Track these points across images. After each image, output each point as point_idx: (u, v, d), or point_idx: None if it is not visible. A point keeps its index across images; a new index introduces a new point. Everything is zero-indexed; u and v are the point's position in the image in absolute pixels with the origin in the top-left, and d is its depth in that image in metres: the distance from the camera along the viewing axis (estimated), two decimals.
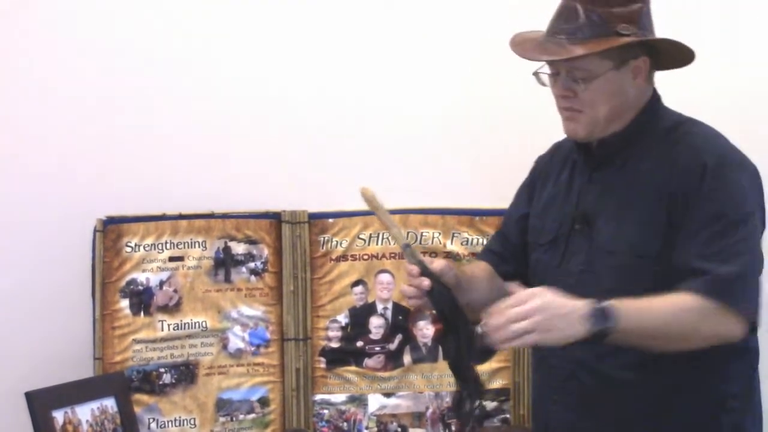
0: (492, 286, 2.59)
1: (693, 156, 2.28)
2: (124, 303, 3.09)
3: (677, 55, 2.37)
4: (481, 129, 3.37)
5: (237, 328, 3.18)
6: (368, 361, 3.24)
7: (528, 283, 2.58)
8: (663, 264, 2.26)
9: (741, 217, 2.24)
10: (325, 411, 3.23)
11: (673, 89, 2.52)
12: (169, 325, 3.12)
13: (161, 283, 3.12)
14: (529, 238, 2.56)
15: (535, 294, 2.10)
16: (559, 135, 2.49)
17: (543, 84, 2.40)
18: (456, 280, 2.38)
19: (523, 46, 2.37)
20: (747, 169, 2.31)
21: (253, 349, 3.19)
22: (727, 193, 2.25)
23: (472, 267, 2.67)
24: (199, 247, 3.16)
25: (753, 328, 2.25)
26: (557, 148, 2.58)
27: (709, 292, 2.17)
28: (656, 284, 2.23)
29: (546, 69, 2.36)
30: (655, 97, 2.41)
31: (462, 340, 2.22)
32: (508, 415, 3.27)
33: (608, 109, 2.33)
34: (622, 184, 2.36)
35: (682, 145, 2.31)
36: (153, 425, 3.10)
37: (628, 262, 2.30)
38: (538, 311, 2.08)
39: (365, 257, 3.23)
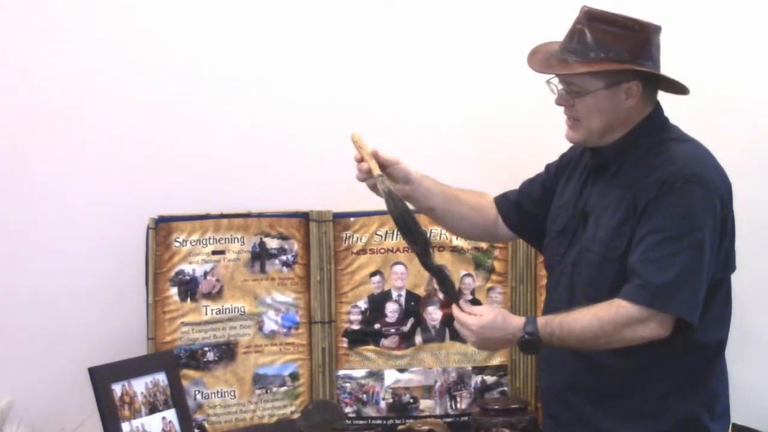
0: (474, 214, 2.76)
1: (663, 171, 2.38)
2: (174, 291, 3.19)
3: (673, 85, 2.49)
4: (485, 137, 3.45)
5: (271, 313, 3.29)
6: (384, 341, 3.35)
7: (523, 234, 2.83)
8: (623, 266, 2.40)
9: (682, 232, 2.34)
10: (348, 384, 3.34)
11: None
12: (212, 310, 3.23)
13: (205, 274, 3.22)
14: (548, 223, 2.67)
15: (472, 324, 2.39)
16: (559, 140, 2.62)
17: (554, 93, 2.52)
18: (405, 175, 2.60)
19: (535, 57, 2.52)
20: (707, 185, 2.37)
21: (284, 330, 3.30)
22: (676, 209, 2.35)
23: (466, 190, 2.78)
24: (238, 242, 3.25)
25: (689, 325, 2.35)
26: (572, 149, 2.69)
27: (638, 298, 2.33)
28: (613, 282, 2.41)
29: (555, 80, 2.48)
30: (654, 115, 2.51)
31: (418, 243, 2.50)
32: (506, 388, 3.37)
33: (600, 122, 2.45)
34: (611, 190, 2.47)
35: (661, 160, 2.42)
36: (198, 396, 3.20)
37: (597, 261, 2.45)
38: (476, 334, 2.40)
39: (382, 251, 3.34)
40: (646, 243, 2.37)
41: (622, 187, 2.44)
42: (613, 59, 2.41)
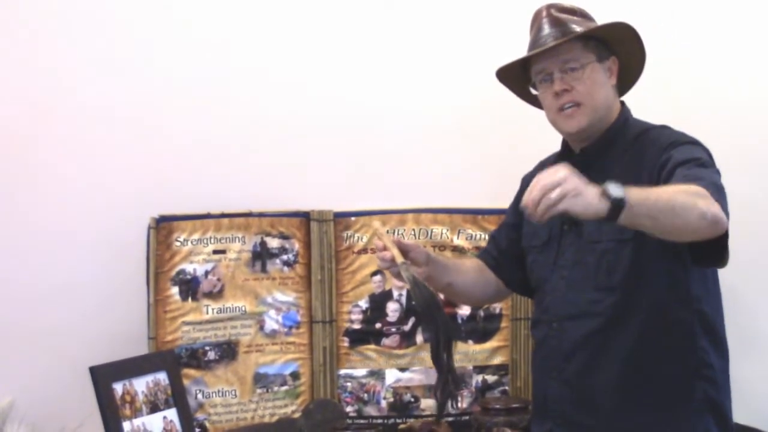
0: (481, 278, 2.77)
1: (656, 147, 2.42)
2: (175, 290, 3.21)
3: (634, 55, 2.54)
4: (485, 138, 3.47)
5: (272, 312, 3.30)
6: (385, 341, 3.36)
7: (518, 288, 2.80)
8: (637, 242, 2.40)
9: (708, 163, 2.34)
10: (349, 384, 3.35)
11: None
12: (213, 309, 3.25)
13: (206, 273, 3.24)
14: (523, 243, 2.70)
15: (560, 167, 2.08)
16: (557, 142, 2.65)
17: (531, 102, 2.60)
18: (426, 257, 2.57)
19: (509, 65, 2.59)
20: (706, 150, 2.40)
21: (285, 330, 3.31)
22: (689, 150, 2.36)
23: (464, 259, 2.77)
24: (239, 241, 3.28)
25: (723, 254, 2.27)
26: (542, 165, 2.69)
27: (704, 186, 2.21)
28: (632, 262, 2.42)
29: (551, 73, 2.51)
30: (624, 111, 2.58)
31: (439, 333, 2.38)
32: (506, 388, 3.38)
33: (601, 97, 2.50)
34: (602, 182, 2.42)
35: (647, 144, 2.46)
36: (199, 396, 3.22)
37: (609, 247, 2.45)
38: (569, 178, 2.05)
39: None
40: (681, 171, 2.29)
41: (618, 174, 2.30)
42: (593, 24, 2.55)
